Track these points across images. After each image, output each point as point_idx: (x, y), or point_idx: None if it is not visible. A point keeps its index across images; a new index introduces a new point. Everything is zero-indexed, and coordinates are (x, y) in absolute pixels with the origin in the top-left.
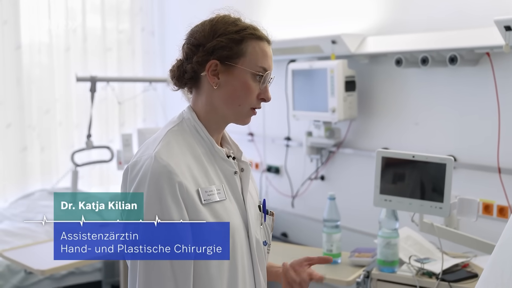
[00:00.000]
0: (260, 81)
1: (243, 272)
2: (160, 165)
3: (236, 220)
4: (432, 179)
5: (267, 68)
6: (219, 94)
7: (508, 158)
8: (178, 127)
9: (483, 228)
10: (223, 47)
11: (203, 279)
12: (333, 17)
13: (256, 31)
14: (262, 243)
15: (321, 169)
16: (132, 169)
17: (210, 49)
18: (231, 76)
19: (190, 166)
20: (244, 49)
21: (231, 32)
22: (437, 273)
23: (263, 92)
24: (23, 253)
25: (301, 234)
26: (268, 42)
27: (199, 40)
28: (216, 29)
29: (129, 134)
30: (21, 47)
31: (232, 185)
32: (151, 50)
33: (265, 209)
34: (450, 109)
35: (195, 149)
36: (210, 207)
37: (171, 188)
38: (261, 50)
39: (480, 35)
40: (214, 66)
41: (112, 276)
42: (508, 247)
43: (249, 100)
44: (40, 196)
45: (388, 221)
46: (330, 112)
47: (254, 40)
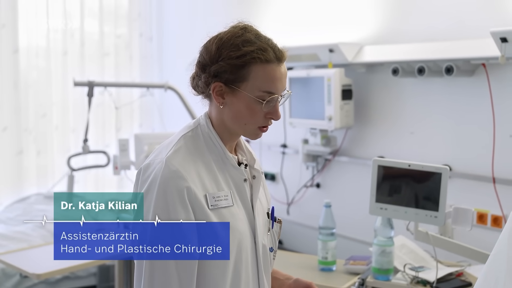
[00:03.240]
0: (265, 103)
1: (247, 276)
2: (170, 170)
3: (242, 225)
4: (427, 188)
5: (274, 91)
6: (226, 112)
7: (502, 168)
8: (192, 132)
9: (478, 237)
10: (226, 71)
11: (207, 280)
12: (330, 25)
13: (264, 53)
14: (269, 249)
15: (317, 177)
16: (145, 171)
17: (214, 72)
18: (235, 98)
19: (200, 172)
20: (246, 75)
21: (233, 57)
22: (432, 281)
23: (271, 112)
24: (19, 257)
25: (296, 241)
26: (278, 61)
27: (206, 61)
28: (220, 52)
29: (125, 139)
30: (18, 51)
31: (242, 192)
32: (148, 56)
33: (273, 216)
34: (446, 119)
35: (206, 155)
36: (217, 212)
37: (179, 192)
38: (266, 74)
39: (476, 46)
40: (219, 87)
41: (107, 281)
42: (502, 257)
43: (254, 120)
44: (35, 200)
45: (383, 229)
46: (326, 120)
47: (258, 64)
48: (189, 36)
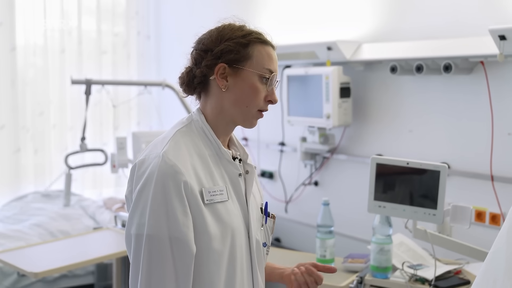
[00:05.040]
0: (266, 83)
1: (241, 271)
2: (167, 164)
3: (237, 220)
4: (426, 186)
5: (273, 70)
6: (227, 96)
7: (501, 166)
8: (186, 128)
9: (476, 235)
10: (230, 50)
11: (202, 275)
12: (329, 23)
13: (261, 36)
14: (262, 244)
15: (315, 175)
16: (140, 166)
17: (218, 53)
18: (239, 78)
19: (196, 167)
20: (250, 52)
21: (238, 36)
22: (430, 279)
23: (270, 94)
24: (16, 255)
25: (294, 239)
26: (272, 47)
27: (207, 46)
28: (223, 34)
29: (123, 137)
30: (16, 49)
31: (236, 186)
32: (146, 54)
33: (267, 212)
34: (444, 117)
35: (201, 150)
36: (212, 207)
37: (177, 187)
38: (267, 54)
39: (475, 44)
40: (223, 69)
41: (105, 279)
42: (500, 254)
43: (257, 101)
44: (33, 198)
45: (382, 227)
46: (324, 118)
47: (259, 44)
48: (186, 34)
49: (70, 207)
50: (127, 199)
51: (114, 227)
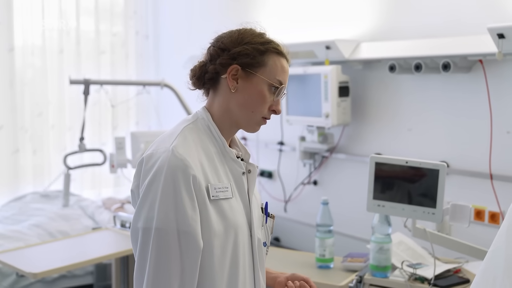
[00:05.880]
0: (274, 93)
1: (244, 269)
2: (177, 158)
3: (240, 218)
4: (425, 185)
5: (283, 82)
6: (235, 97)
7: (500, 165)
8: (193, 125)
9: (475, 234)
10: (247, 54)
11: (206, 271)
12: (327, 22)
13: (279, 47)
14: (262, 243)
15: (314, 174)
16: (148, 161)
17: (234, 54)
18: (249, 82)
19: (202, 163)
20: (265, 60)
21: (257, 42)
22: (429, 278)
23: (275, 104)
24: (15, 256)
25: (293, 238)
26: (287, 60)
27: (225, 45)
28: (243, 37)
29: (122, 137)
30: (14, 49)
31: (240, 185)
32: (144, 53)
33: (267, 212)
34: (443, 116)
35: (207, 147)
36: (216, 203)
37: (186, 181)
38: (281, 65)
39: (473, 42)
40: (235, 70)
41: (104, 280)
42: (500, 253)
43: (262, 108)
44: (32, 199)
45: (381, 227)
46: (323, 117)
47: (276, 54)
48: (185, 33)
49: (69, 208)
50: (133, 194)
51: (113, 227)
